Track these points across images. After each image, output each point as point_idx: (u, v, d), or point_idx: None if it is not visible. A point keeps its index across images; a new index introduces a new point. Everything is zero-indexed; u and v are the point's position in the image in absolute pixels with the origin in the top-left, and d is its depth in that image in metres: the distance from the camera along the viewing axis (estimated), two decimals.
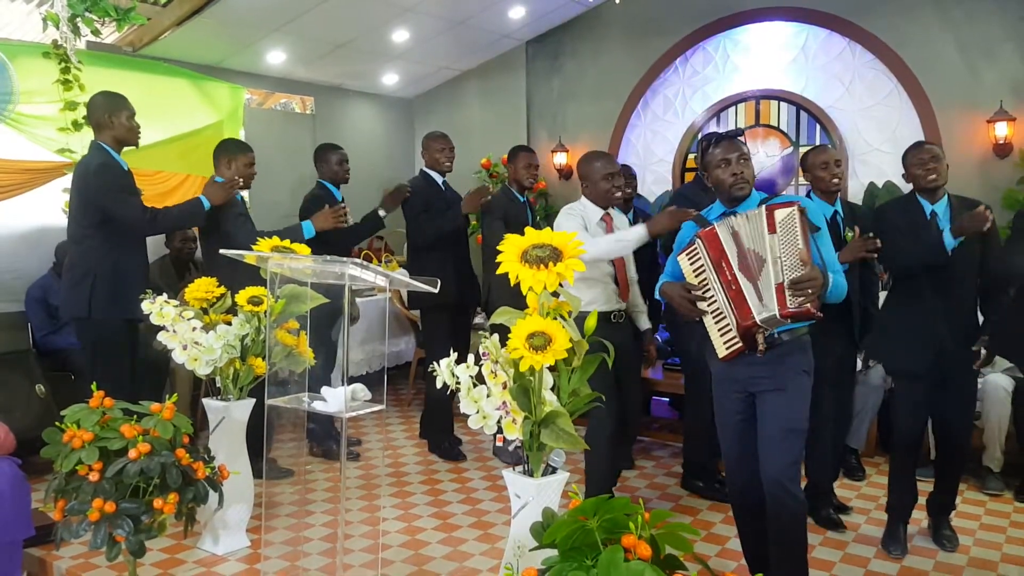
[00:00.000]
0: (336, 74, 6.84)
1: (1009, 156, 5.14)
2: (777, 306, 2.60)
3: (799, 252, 2.60)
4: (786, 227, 2.63)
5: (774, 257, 2.63)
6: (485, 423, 2.41)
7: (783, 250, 2.62)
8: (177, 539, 3.52)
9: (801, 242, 2.61)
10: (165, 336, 3.34)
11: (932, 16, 5.44)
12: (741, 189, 2.80)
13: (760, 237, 2.66)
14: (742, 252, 2.69)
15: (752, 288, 2.67)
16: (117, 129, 3.82)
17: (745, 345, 2.71)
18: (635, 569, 1.58)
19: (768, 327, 2.67)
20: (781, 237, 2.63)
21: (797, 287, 2.58)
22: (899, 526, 3.52)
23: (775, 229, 2.64)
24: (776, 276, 2.62)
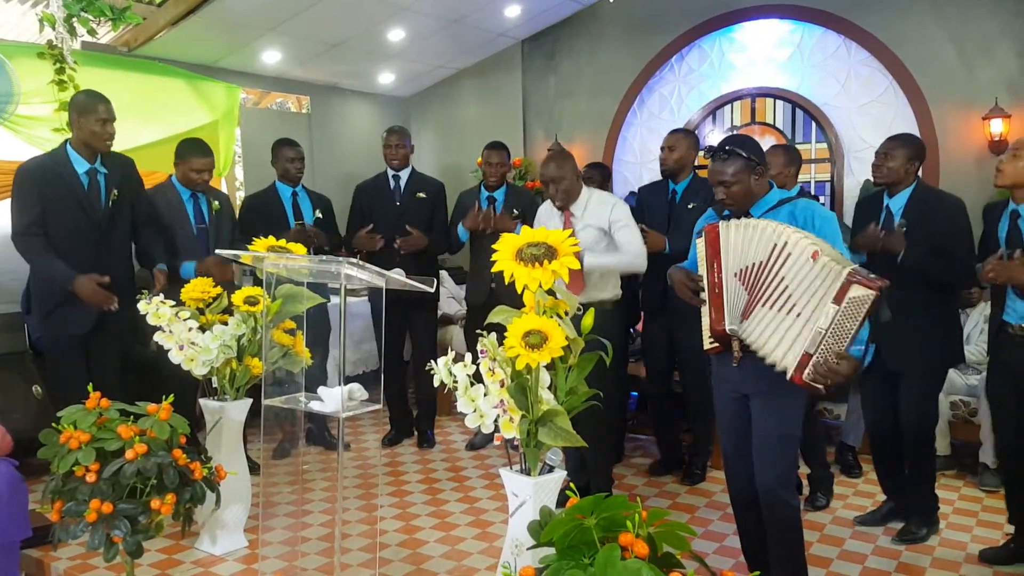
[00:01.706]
0: (332, 73, 6.83)
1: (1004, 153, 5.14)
2: (794, 367, 2.50)
3: (843, 341, 2.43)
4: (852, 308, 2.41)
5: (819, 326, 2.44)
6: (482, 422, 2.41)
7: (834, 327, 2.43)
8: (175, 539, 3.52)
9: (855, 329, 2.42)
10: (161, 336, 3.33)
11: (927, 13, 5.45)
12: (728, 207, 2.76)
13: (816, 292, 2.47)
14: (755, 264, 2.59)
15: (743, 298, 2.63)
16: (82, 132, 3.75)
17: (721, 346, 2.73)
18: (632, 567, 1.58)
19: (737, 338, 2.67)
20: (842, 314, 2.41)
21: (824, 373, 2.45)
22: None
23: (841, 302, 2.41)
24: (810, 343, 2.46)
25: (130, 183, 4.01)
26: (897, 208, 3.46)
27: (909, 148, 3.45)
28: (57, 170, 3.74)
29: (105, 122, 3.77)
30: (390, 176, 4.95)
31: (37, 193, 3.70)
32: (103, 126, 3.77)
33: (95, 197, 3.82)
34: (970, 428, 4.39)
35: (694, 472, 4.37)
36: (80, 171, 3.77)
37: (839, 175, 5.80)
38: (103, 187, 3.84)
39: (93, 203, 3.80)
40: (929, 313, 3.41)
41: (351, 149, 7.16)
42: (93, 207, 3.80)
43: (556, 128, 7.02)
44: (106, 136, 3.79)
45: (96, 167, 3.81)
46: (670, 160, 4.24)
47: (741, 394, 2.81)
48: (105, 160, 3.86)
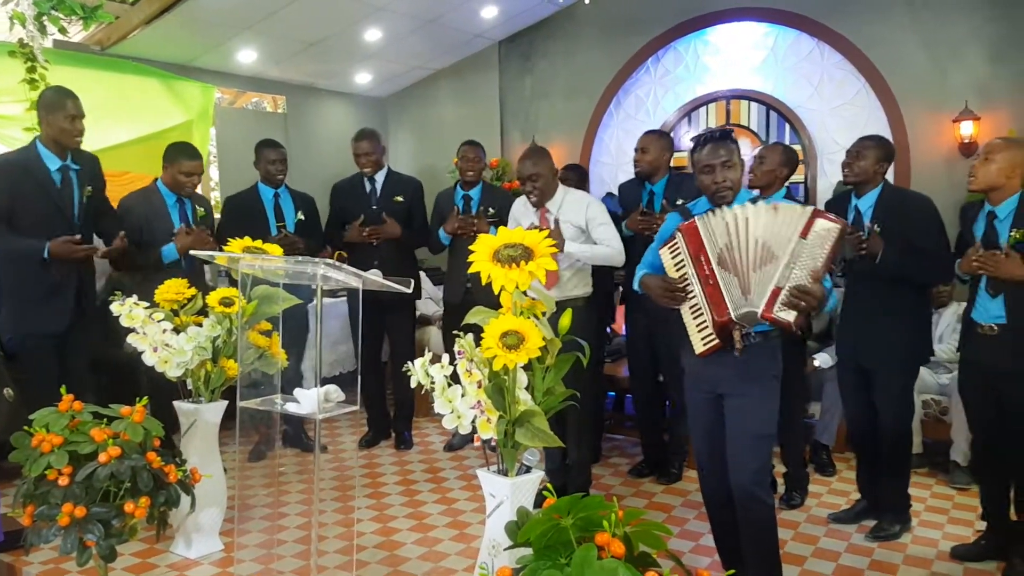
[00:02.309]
0: (308, 73, 6.80)
1: (974, 155, 5.21)
2: (764, 305, 2.59)
3: (816, 268, 2.57)
4: (819, 239, 2.59)
5: (789, 260, 2.59)
6: (459, 423, 2.41)
7: (802, 259, 2.58)
8: (149, 543, 3.48)
9: (824, 260, 2.58)
10: (135, 338, 3.30)
11: (899, 17, 5.52)
12: (723, 197, 2.78)
13: (783, 234, 2.61)
14: (732, 245, 2.65)
15: (736, 283, 2.65)
16: (51, 129, 3.70)
17: (722, 342, 2.70)
18: (608, 567, 1.59)
19: (745, 324, 2.66)
20: (808, 245, 2.59)
21: (795, 295, 2.55)
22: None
23: (808, 235, 2.59)
24: (780, 279, 2.59)
25: (99, 180, 3.98)
26: (865, 208, 3.52)
27: (879, 149, 3.51)
28: (28, 167, 3.68)
29: (74, 118, 3.72)
30: (366, 179, 4.93)
31: (4, 187, 3.64)
32: (72, 122, 3.72)
33: (68, 194, 3.77)
34: (941, 426, 4.45)
35: (671, 472, 4.40)
36: (52, 168, 3.72)
37: (812, 176, 5.87)
38: (76, 184, 3.80)
39: (66, 200, 3.76)
40: (901, 310, 3.47)
41: (328, 149, 7.13)
42: (66, 204, 3.75)
43: (533, 129, 7.03)
44: (75, 132, 3.74)
45: (68, 164, 3.77)
46: (643, 162, 4.26)
47: (715, 394, 2.83)
48: (76, 157, 3.81)
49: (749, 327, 2.67)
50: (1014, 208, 3.12)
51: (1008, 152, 3.12)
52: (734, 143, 2.80)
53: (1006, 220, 3.13)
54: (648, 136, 4.35)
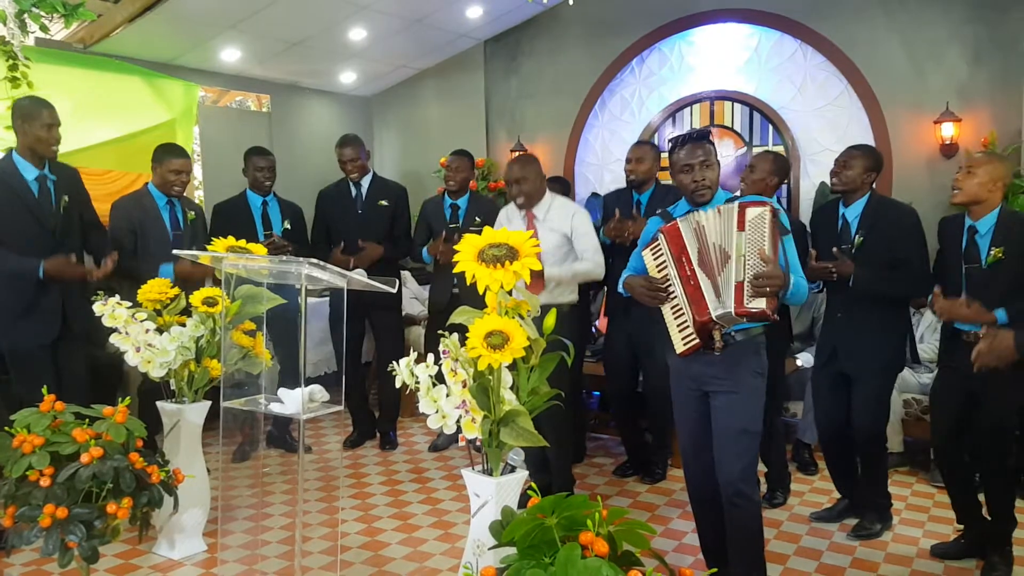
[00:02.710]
0: (292, 72, 6.77)
1: (955, 156, 5.27)
2: (734, 303, 2.64)
3: (763, 252, 2.63)
4: (755, 226, 2.67)
5: (739, 255, 2.66)
6: (444, 423, 2.41)
7: (748, 248, 2.66)
8: (132, 544, 3.46)
9: (767, 242, 2.64)
10: (118, 338, 3.28)
11: (880, 19, 5.56)
12: (702, 196, 2.82)
13: (728, 233, 2.70)
14: (704, 248, 2.73)
15: (711, 285, 2.70)
16: (27, 138, 3.66)
17: (702, 341, 2.74)
18: (592, 566, 1.60)
19: (724, 324, 2.71)
20: (749, 235, 2.66)
21: (756, 283, 2.60)
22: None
23: (744, 227, 2.68)
24: (738, 274, 2.66)
25: (78, 190, 3.94)
26: (852, 217, 3.55)
27: (867, 159, 3.54)
28: (4, 179, 3.65)
29: (50, 127, 3.70)
30: (351, 184, 4.92)
31: None
32: (48, 131, 3.69)
33: (46, 204, 3.73)
34: (923, 425, 4.49)
35: (655, 471, 4.42)
36: (29, 178, 3.69)
37: (795, 177, 5.90)
38: (53, 194, 3.76)
39: (44, 210, 3.72)
40: (882, 318, 3.51)
41: (312, 148, 7.10)
42: (44, 214, 3.72)
43: (519, 129, 7.04)
44: (52, 141, 3.72)
45: (45, 173, 3.74)
46: (638, 171, 4.28)
47: (702, 391, 2.86)
48: (52, 167, 3.79)
49: (728, 327, 2.72)
50: (994, 224, 3.16)
51: (990, 166, 3.18)
52: (711, 143, 2.85)
53: (987, 235, 3.17)
54: (643, 146, 4.39)
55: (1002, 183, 3.16)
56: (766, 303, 2.62)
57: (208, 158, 6.42)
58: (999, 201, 3.18)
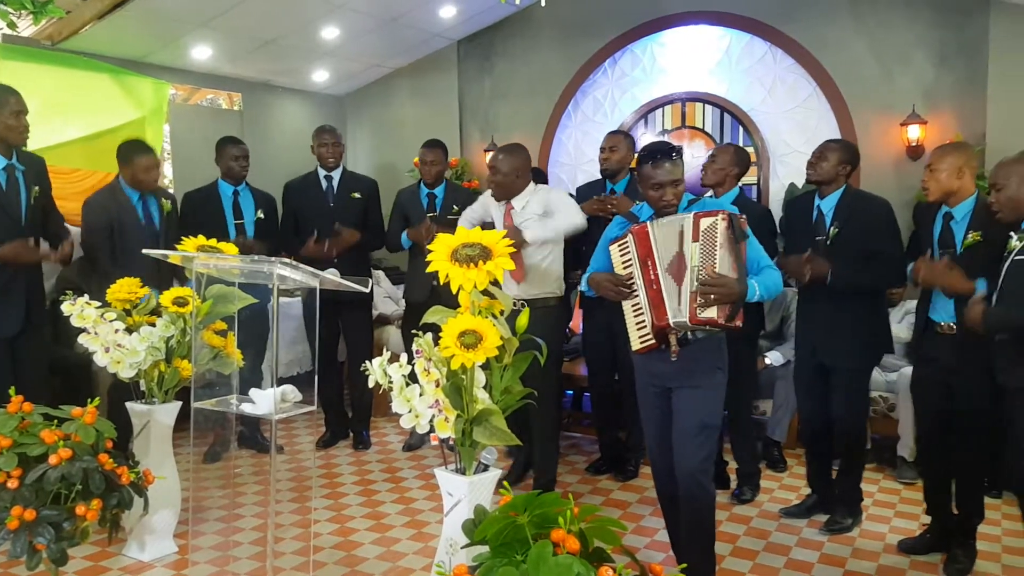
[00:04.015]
0: (264, 70, 6.73)
1: (921, 158, 5.35)
2: (688, 313, 2.72)
3: (713, 262, 2.70)
4: (707, 236, 2.73)
5: (693, 265, 2.73)
6: (417, 422, 2.42)
7: (701, 259, 2.72)
8: (101, 546, 3.43)
9: (718, 252, 2.70)
10: (86, 338, 3.25)
11: (848, 22, 5.64)
12: (667, 212, 2.87)
13: (686, 243, 2.75)
14: (676, 254, 2.77)
15: (675, 291, 2.76)
16: None
17: (658, 343, 2.81)
18: (563, 563, 1.61)
19: (680, 330, 2.77)
20: (702, 246, 2.73)
21: (703, 292, 2.68)
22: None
23: (698, 237, 2.74)
24: (690, 282, 2.73)
25: (45, 182, 3.89)
26: (828, 209, 3.61)
27: (843, 152, 3.61)
28: None
29: (19, 114, 3.64)
30: (321, 176, 4.89)
31: None
32: (17, 119, 3.63)
33: (14, 195, 3.68)
34: (889, 423, 4.57)
35: (627, 469, 4.45)
36: None
37: (765, 178, 5.97)
38: (22, 184, 3.72)
39: (12, 201, 3.67)
40: (859, 310, 3.56)
41: (284, 147, 7.06)
42: (13, 205, 3.66)
43: (492, 129, 7.05)
44: (21, 129, 3.66)
45: (13, 163, 3.69)
46: (612, 160, 4.31)
47: (664, 388, 2.91)
48: (20, 157, 3.73)
49: (683, 332, 2.80)
50: (970, 210, 3.21)
51: (949, 156, 3.23)
52: (680, 158, 2.88)
53: (962, 222, 3.22)
54: (616, 135, 4.41)
55: (967, 168, 3.22)
56: (716, 312, 2.69)
57: (179, 157, 6.36)
58: (972, 187, 3.24)
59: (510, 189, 3.90)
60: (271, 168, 6.59)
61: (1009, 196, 2.82)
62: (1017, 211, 2.80)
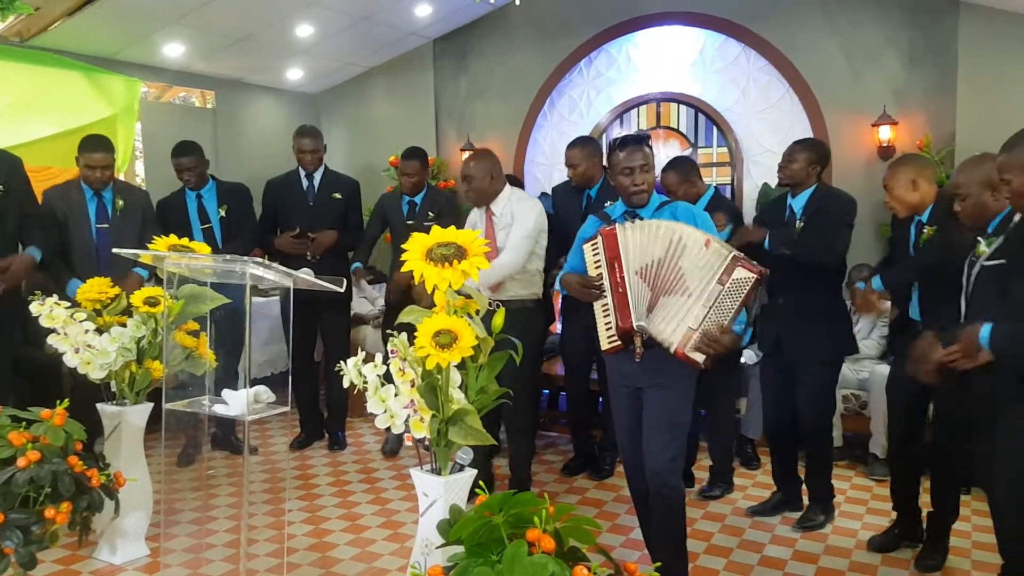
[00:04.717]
0: (238, 68, 6.67)
1: (892, 158, 5.40)
2: (679, 342, 2.70)
3: (729, 315, 2.67)
4: (735, 287, 2.67)
5: (706, 303, 2.68)
6: (393, 422, 2.41)
7: (719, 304, 2.67)
8: (71, 549, 3.39)
9: (737, 307, 2.68)
10: (56, 339, 3.20)
11: (820, 24, 5.68)
12: (640, 197, 2.90)
13: (706, 273, 2.69)
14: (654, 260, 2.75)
15: (647, 295, 2.75)
16: None
17: (623, 344, 2.82)
18: (538, 562, 1.61)
19: (644, 334, 2.78)
20: (726, 292, 2.67)
21: (707, 343, 2.67)
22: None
23: (726, 282, 2.67)
24: (695, 319, 2.68)
25: (19, 179, 3.83)
26: (799, 207, 3.67)
27: (811, 152, 3.65)
28: None
29: None
30: (302, 175, 4.87)
31: None
32: None
33: None
34: (861, 420, 4.62)
35: (603, 468, 4.46)
36: None
37: (739, 178, 6.01)
38: None
39: None
40: (821, 307, 3.62)
41: (258, 145, 7.00)
42: None
43: (468, 128, 7.03)
44: None
45: None
46: (576, 176, 4.32)
47: (634, 388, 2.93)
48: None
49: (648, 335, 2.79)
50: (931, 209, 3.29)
51: (899, 173, 3.34)
52: (649, 147, 2.92)
53: None
54: (572, 150, 4.36)
55: (921, 179, 3.30)
56: (704, 359, 2.71)
57: (151, 155, 6.29)
58: (932, 192, 3.30)
59: (487, 193, 3.89)
60: (244, 166, 6.56)
61: (973, 203, 2.83)
62: (983, 217, 2.82)
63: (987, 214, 2.80)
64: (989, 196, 2.75)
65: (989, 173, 2.74)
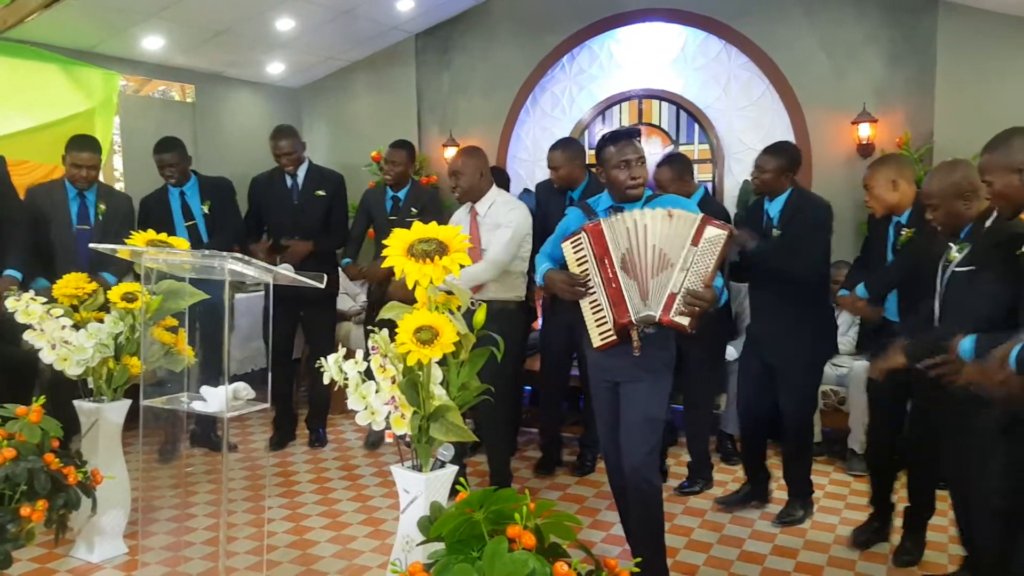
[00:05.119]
0: (218, 61, 6.61)
1: (871, 156, 5.45)
2: (661, 311, 2.72)
3: (707, 273, 2.71)
4: (709, 246, 2.73)
5: (684, 266, 2.72)
6: (373, 419, 2.40)
7: (695, 264, 2.72)
8: (48, 548, 3.36)
9: (713, 265, 2.72)
10: (32, 335, 3.17)
11: (801, 21, 5.70)
12: (636, 192, 2.89)
13: (676, 241, 2.74)
14: (637, 248, 2.76)
15: (636, 287, 2.76)
16: None
17: (619, 340, 2.82)
18: (519, 559, 1.61)
19: (643, 325, 2.78)
20: (699, 253, 2.72)
21: (688, 301, 2.69)
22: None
23: (699, 243, 2.73)
24: (675, 284, 2.72)
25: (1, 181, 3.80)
26: (775, 212, 3.69)
27: (780, 160, 3.66)
28: None
29: None
30: (287, 174, 4.83)
31: None
32: None
33: None
34: (839, 416, 4.65)
35: (584, 464, 4.47)
36: None
37: (720, 175, 6.03)
38: None
39: None
40: (804, 310, 3.62)
41: (238, 140, 6.95)
42: None
43: (451, 124, 7.01)
44: None
45: None
46: (559, 179, 4.29)
47: (613, 382, 2.94)
48: None
49: (646, 327, 2.80)
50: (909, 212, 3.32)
51: (880, 172, 3.37)
52: (639, 141, 2.92)
53: None
54: (554, 152, 4.32)
55: (900, 179, 3.33)
56: (689, 321, 2.72)
57: (129, 149, 6.22)
58: (911, 193, 3.33)
59: (474, 191, 3.88)
60: (224, 161, 6.50)
61: (945, 212, 2.85)
62: (955, 225, 2.85)
63: (959, 222, 2.83)
64: (961, 204, 2.77)
65: (959, 182, 2.77)
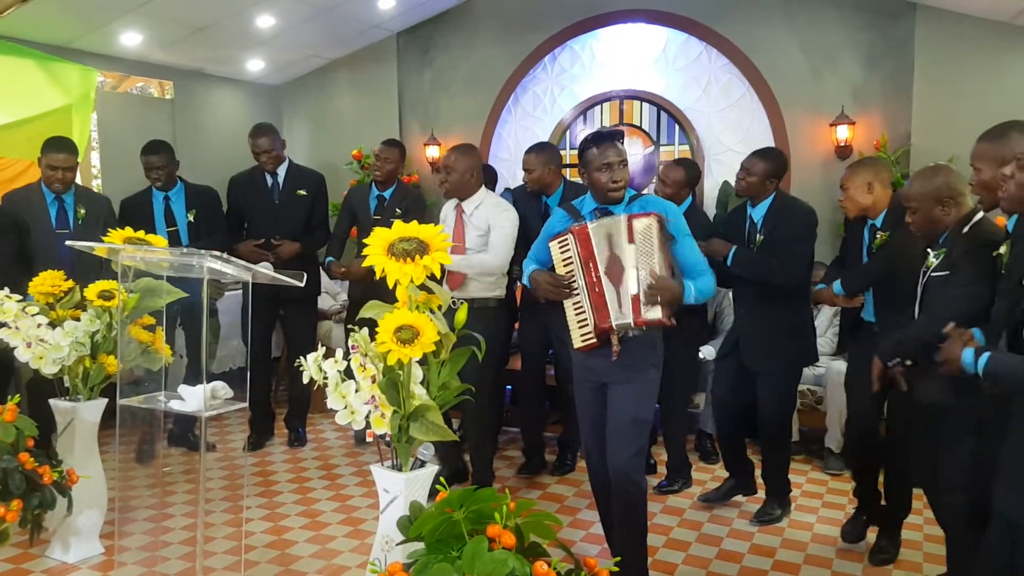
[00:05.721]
0: (197, 58, 6.55)
1: (849, 158, 5.50)
2: (632, 315, 2.75)
3: (653, 264, 2.74)
4: (644, 238, 2.76)
5: (631, 266, 2.75)
6: (353, 418, 2.39)
7: (640, 260, 2.75)
8: (23, 548, 3.32)
9: (656, 254, 2.74)
10: (7, 333, 3.13)
11: (780, 23, 5.75)
12: (617, 194, 2.90)
13: (621, 245, 2.77)
14: (611, 256, 2.79)
15: (615, 293, 2.79)
16: None
17: (600, 343, 2.84)
18: (498, 558, 1.62)
19: (622, 331, 2.80)
20: (639, 247, 2.75)
21: (649, 295, 2.72)
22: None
23: (633, 239, 2.76)
24: (632, 286, 2.75)
25: None
26: (759, 217, 3.69)
27: (768, 165, 3.66)
28: None
29: None
30: (267, 173, 4.80)
31: None
32: None
33: None
34: (816, 415, 4.69)
35: (564, 463, 4.48)
36: None
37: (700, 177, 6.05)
38: None
39: None
40: (784, 316, 3.64)
41: (218, 137, 6.89)
42: None
43: (432, 123, 7.00)
44: None
45: None
46: (530, 181, 4.24)
47: (599, 383, 2.94)
48: None
49: (625, 332, 2.82)
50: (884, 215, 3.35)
51: (857, 174, 3.39)
52: (623, 143, 2.93)
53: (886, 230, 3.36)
54: (528, 155, 4.28)
55: (876, 182, 3.35)
56: (661, 312, 2.74)
57: (107, 146, 6.16)
58: (887, 196, 3.36)
59: (463, 188, 3.88)
60: (204, 159, 6.45)
61: (924, 217, 2.88)
62: (933, 231, 2.87)
63: (937, 228, 2.85)
64: (939, 210, 2.80)
65: (940, 187, 2.80)
